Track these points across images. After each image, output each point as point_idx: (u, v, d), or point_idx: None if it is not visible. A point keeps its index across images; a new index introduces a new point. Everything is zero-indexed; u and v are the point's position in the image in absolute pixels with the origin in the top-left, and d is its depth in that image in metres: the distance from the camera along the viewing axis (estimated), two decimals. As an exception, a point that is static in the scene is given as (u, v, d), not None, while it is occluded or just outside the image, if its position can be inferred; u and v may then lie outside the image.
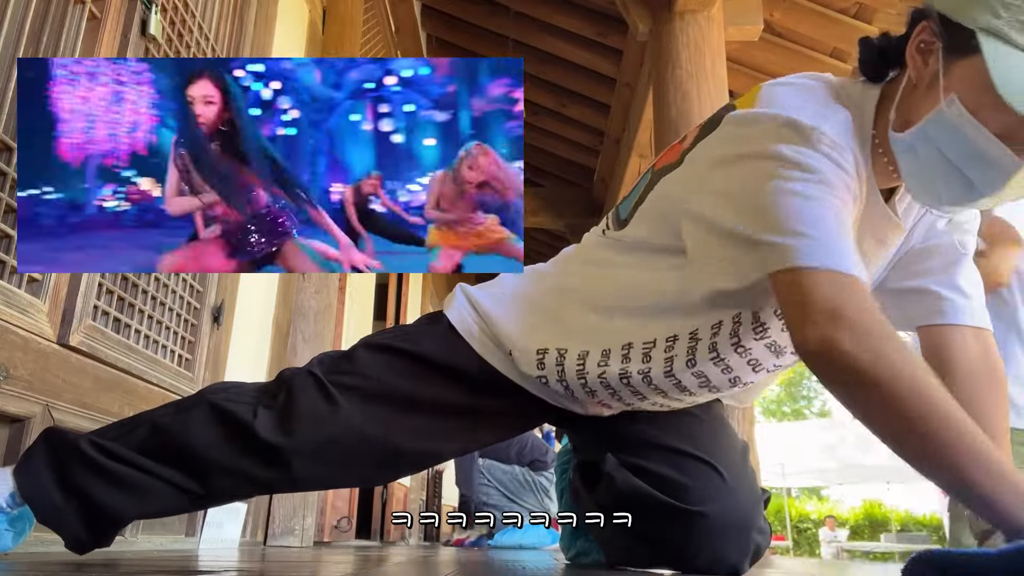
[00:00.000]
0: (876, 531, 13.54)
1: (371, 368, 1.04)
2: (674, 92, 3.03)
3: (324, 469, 1.03)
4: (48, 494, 0.97)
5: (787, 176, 0.75)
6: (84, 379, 1.44)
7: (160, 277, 1.73)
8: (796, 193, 0.74)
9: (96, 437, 1.01)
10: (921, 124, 0.76)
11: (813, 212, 0.73)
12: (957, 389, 0.91)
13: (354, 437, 1.00)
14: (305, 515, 2.53)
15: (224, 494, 1.08)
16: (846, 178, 0.77)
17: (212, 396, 1.03)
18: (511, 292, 1.06)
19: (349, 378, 1.03)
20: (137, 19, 1.58)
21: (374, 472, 1.12)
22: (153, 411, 1.06)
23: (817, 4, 3.74)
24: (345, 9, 3.24)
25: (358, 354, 1.06)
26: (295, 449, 0.98)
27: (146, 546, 1.68)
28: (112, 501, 0.98)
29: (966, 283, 0.94)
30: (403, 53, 4.92)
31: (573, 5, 4.60)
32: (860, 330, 0.68)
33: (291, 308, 2.77)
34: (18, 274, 1.26)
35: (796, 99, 0.81)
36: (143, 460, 0.99)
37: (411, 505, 5.26)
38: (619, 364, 0.96)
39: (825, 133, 0.76)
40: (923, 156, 0.77)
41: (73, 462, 0.98)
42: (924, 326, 0.94)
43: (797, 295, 0.72)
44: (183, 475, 1.00)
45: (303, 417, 0.99)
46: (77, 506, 0.98)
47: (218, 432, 0.99)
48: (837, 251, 0.71)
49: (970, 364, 0.91)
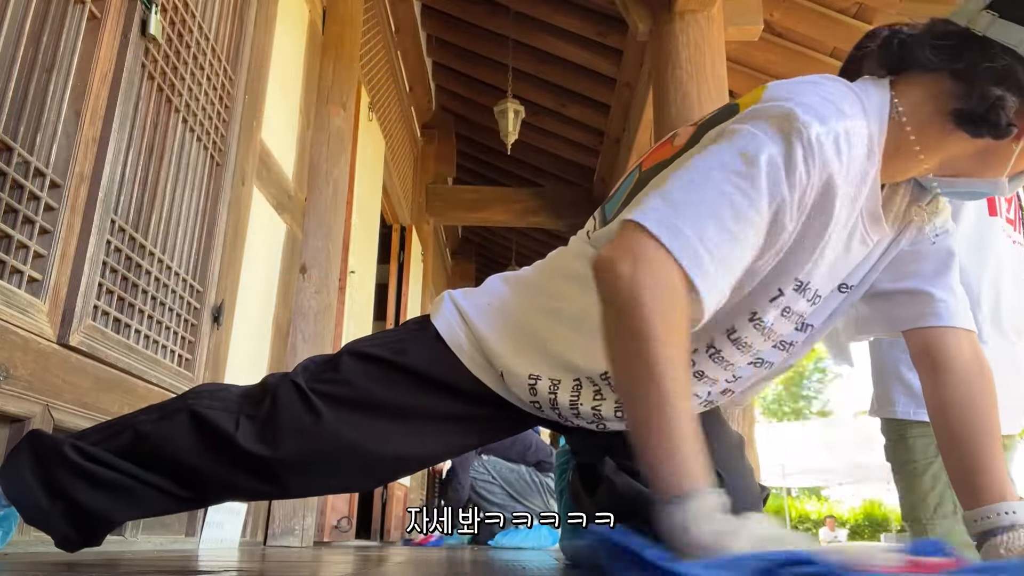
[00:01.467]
0: (876, 531, 13.54)
1: (356, 377, 1.01)
2: (674, 92, 3.03)
3: (313, 478, 1.02)
4: (33, 496, 0.98)
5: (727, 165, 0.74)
6: (84, 379, 1.44)
7: (160, 277, 1.73)
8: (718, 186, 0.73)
9: (79, 441, 1.01)
10: (973, 185, 0.84)
11: (711, 208, 0.72)
12: (954, 390, 0.91)
13: (339, 447, 0.99)
14: (305, 515, 2.53)
15: (211, 498, 1.09)
16: (785, 189, 0.74)
17: (195, 402, 1.03)
18: (497, 305, 1.03)
19: (333, 387, 1.00)
20: (137, 19, 1.58)
21: (365, 479, 1.12)
22: (136, 415, 1.06)
23: (817, 4, 3.74)
24: (345, 9, 3.24)
25: (343, 361, 1.03)
26: (279, 459, 0.98)
27: (146, 546, 1.68)
28: (98, 504, 0.99)
29: (956, 285, 0.94)
30: (403, 53, 4.92)
31: (573, 5, 4.60)
32: (658, 285, 0.69)
33: (291, 308, 2.78)
34: (18, 274, 1.26)
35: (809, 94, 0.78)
36: (126, 465, 0.99)
37: (411, 505, 5.26)
38: (614, 400, 0.95)
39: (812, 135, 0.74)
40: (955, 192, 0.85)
41: (57, 466, 0.99)
42: (915, 328, 0.94)
43: (630, 241, 0.71)
44: (167, 480, 1.00)
45: (286, 428, 0.98)
46: (63, 508, 0.98)
47: (200, 441, 0.99)
48: (696, 254, 0.70)
49: (965, 365, 0.91)
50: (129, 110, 1.56)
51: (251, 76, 2.24)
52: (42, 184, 1.31)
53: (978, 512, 0.86)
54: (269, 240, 2.61)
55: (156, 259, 1.72)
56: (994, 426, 0.90)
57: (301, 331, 2.76)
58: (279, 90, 2.63)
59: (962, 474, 0.90)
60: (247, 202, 2.26)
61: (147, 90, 1.66)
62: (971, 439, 0.89)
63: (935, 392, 0.93)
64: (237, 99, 2.14)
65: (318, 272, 2.86)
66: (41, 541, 1.23)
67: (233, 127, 2.12)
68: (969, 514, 0.87)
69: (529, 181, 6.66)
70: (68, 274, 1.38)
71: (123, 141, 1.54)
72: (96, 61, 1.45)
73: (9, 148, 1.23)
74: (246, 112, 2.21)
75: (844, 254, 0.87)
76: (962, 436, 0.90)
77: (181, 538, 1.89)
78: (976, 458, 0.88)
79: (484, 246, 8.90)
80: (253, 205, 2.33)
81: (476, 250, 8.97)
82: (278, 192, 2.64)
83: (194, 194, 1.91)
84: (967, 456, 0.89)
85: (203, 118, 1.93)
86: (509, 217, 6.15)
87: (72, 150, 1.38)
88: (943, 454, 0.93)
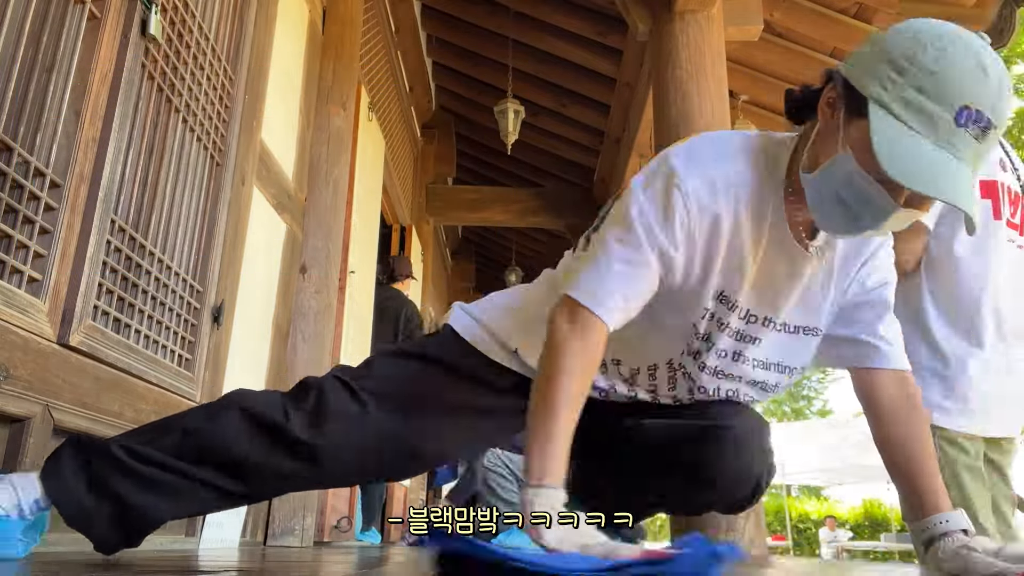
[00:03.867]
0: (876, 531, 13.54)
1: (390, 372, 1.15)
2: (674, 92, 3.03)
3: (353, 464, 1.12)
4: (77, 496, 1.00)
5: (615, 220, 0.99)
6: (84, 379, 1.44)
7: (160, 277, 1.73)
8: (608, 246, 0.97)
9: (126, 441, 1.04)
10: (823, 167, 0.91)
11: (608, 265, 0.96)
12: (880, 420, 1.10)
13: (382, 435, 1.09)
14: (305, 515, 2.53)
15: (262, 489, 1.14)
16: (662, 231, 0.95)
17: (242, 401, 1.09)
18: (503, 304, 1.21)
19: (372, 382, 1.13)
20: (137, 19, 1.58)
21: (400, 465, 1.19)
22: (182, 415, 1.12)
23: (817, 4, 3.74)
24: (345, 9, 3.24)
25: (376, 361, 1.18)
26: (327, 445, 1.06)
27: (146, 546, 1.67)
28: (146, 503, 1.02)
29: (887, 332, 1.10)
30: (403, 53, 4.92)
31: (573, 5, 4.60)
32: (575, 334, 0.95)
33: (291, 308, 2.77)
34: (18, 274, 1.26)
35: (695, 148, 1.00)
36: (177, 463, 1.03)
37: (411, 505, 5.25)
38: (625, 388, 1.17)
39: (683, 185, 0.95)
40: (824, 193, 0.91)
41: (104, 466, 1.02)
42: (855, 368, 1.13)
43: (568, 306, 0.97)
44: (218, 475, 1.05)
45: (335, 416, 1.07)
46: (109, 509, 1.01)
47: (252, 433, 1.06)
48: (601, 298, 0.95)
49: (890, 400, 1.09)
50: (129, 110, 1.56)
51: (251, 76, 2.24)
52: (42, 184, 1.31)
53: (919, 524, 1.03)
54: (269, 240, 2.61)
55: (156, 259, 1.72)
56: (926, 451, 1.07)
57: (301, 331, 2.76)
58: (279, 90, 2.63)
59: (906, 493, 1.08)
60: (247, 202, 2.26)
61: (147, 90, 1.66)
62: (907, 464, 1.07)
63: (874, 427, 1.12)
64: (237, 99, 2.14)
65: (318, 272, 2.86)
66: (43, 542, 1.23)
67: (233, 127, 2.12)
68: (914, 527, 1.04)
69: (529, 181, 6.66)
70: (68, 274, 1.38)
71: (123, 141, 1.54)
72: (96, 61, 1.45)
73: (9, 148, 1.23)
74: (246, 112, 2.21)
75: (771, 281, 1.02)
76: (900, 462, 1.08)
77: (181, 538, 1.89)
78: (914, 479, 1.06)
79: (484, 246, 8.91)
80: (253, 205, 2.33)
81: (476, 250, 8.97)
82: (278, 192, 2.64)
83: (194, 194, 1.91)
84: (907, 478, 1.07)
85: (203, 118, 1.93)
86: (509, 217, 6.16)
87: (72, 150, 1.38)
88: (890, 477, 1.11)
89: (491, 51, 5.26)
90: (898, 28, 0.87)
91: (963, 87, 0.80)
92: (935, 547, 0.99)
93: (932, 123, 0.80)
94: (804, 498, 17.58)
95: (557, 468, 0.86)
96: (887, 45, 0.85)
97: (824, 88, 0.94)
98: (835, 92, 0.91)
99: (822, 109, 0.93)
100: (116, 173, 1.52)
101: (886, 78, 0.83)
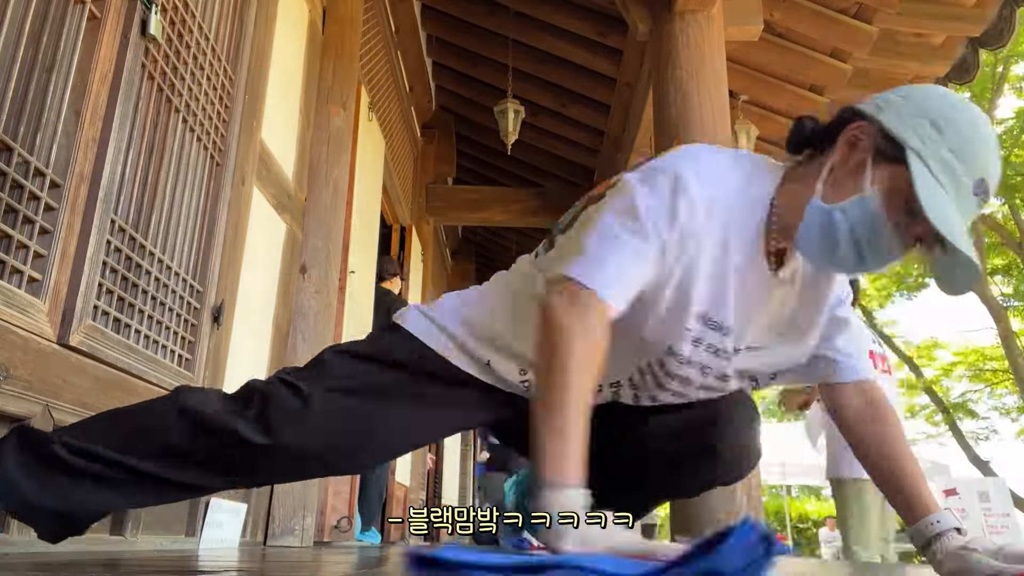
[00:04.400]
0: (876, 531, 13.50)
1: (339, 368, 1.10)
2: (674, 92, 3.03)
3: (307, 462, 1.09)
4: (20, 490, 0.99)
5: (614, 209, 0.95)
6: (84, 379, 1.44)
7: (160, 277, 1.73)
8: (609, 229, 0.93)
9: (70, 436, 1.03)
10: (846, 202, 0.90)
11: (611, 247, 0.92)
12: (850, 431, 1.13)
13: (331, 429, 1.06)
14: (305, 515, 2.53)
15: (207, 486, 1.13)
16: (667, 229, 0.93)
17: (185, 401, 1.06)
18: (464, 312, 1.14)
19: (319, 377, 1.09)
20: (137, 19, 1.58)
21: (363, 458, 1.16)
22: (124, 409, 1.11)
23: (817, 4, 3.74)
24: (345, 9, 3.24)
25: (325, 357, 1.13)
26: (277, 445, 1.03)
27: (146, 546, 1.68)
28: (88, 498, 1.02)
29: (845, 345, 1.11)
30: (403, 53, 4.92)
31: (573, 5, 4.60)
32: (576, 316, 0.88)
33: (291, 308, 2.77)
34: (18, 274, 1.26)
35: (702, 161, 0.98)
36: (121, 458, 1.01)
37: (411, 505, 5.26)
38: None
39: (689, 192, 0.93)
40: (834, 227, 0.91)
41: (45, 460, 1.01)
42: (822, 384, 1.16)
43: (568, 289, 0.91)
44: (164, 468, 1.03)
45: (279, 415, 1.04)
46: (53, 502, 1.00)
47: (197, 432, 1.04)
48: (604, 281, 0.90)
49: (855, 410, 1.12)
50: (129, 110, 1.56)
51: (251, 76, 2.24)
52: (42, 184, 1.31)
53: (914, 528, 1.04)
54: (269, 240, 2.61)
55: (156, 259, 1.72)
56: (904, 454, 1.08)
57: (301, 331, 2.76)
58: (279, 90, 2.63)
59: (894, 500, 1.09)
60: (247, 202, 2.26)
61: (147, 90, 1.66)
62: (888, 470, 1.08)
63: (848, 440, 1.14)
64: (237, 99, 2.14)
65: (318, 272, 2.86)
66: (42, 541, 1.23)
67: (233, 127, 2.12)
68: (910, 531, 1.05)
69: (529, 181, 6.65)
70: (68, 274, 1.38)
71: (123, 141, 1.54)
72: (96, 61, 1.45)
73: (9, 148, 1.23)
74: (246, 112, 2.21)
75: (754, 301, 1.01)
76: (882, 470, 1.09)
77: (181, 538, 1.89)
78: (898, 483, 1.07)
79: (484, 246, 8.90)
80: (253, 205, 2.33)
81: (476, 250, 8.97)
82: (278, 192, 2.64)
83: (194, 194, 1.91)
84: (890, 484, 1.08)
85: (203, 118, 1.93)
86: (509, 217, 6.15)
87: (72, 150, 1.38)
88: (877, 486, 1.13)
89: (491, 51, 5.26)
90: (925, 89, 0.92)
91: (985, 160, 0.87)
92: (933, 549, 1.00)
93: (956, 185, 0.85)
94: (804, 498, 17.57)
95: (574, 467, 0.80)
96: (923, 102, 0.89)
97: (842, 124, 0.94)
98: (862, 132, 0.92)
99: (842, 145, 0.93)
100: (116, 173, 1.52)
101: (925, 134, 0.87)
